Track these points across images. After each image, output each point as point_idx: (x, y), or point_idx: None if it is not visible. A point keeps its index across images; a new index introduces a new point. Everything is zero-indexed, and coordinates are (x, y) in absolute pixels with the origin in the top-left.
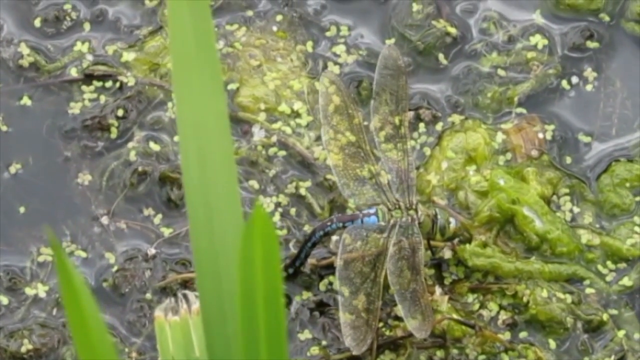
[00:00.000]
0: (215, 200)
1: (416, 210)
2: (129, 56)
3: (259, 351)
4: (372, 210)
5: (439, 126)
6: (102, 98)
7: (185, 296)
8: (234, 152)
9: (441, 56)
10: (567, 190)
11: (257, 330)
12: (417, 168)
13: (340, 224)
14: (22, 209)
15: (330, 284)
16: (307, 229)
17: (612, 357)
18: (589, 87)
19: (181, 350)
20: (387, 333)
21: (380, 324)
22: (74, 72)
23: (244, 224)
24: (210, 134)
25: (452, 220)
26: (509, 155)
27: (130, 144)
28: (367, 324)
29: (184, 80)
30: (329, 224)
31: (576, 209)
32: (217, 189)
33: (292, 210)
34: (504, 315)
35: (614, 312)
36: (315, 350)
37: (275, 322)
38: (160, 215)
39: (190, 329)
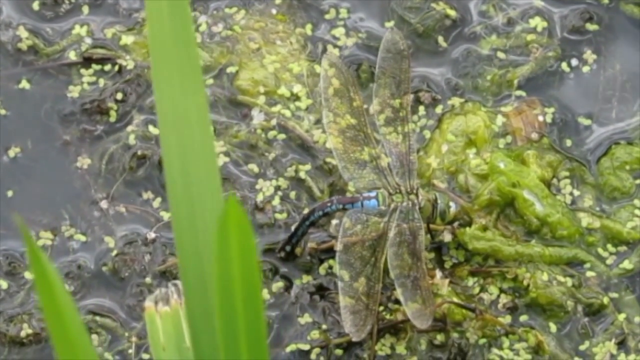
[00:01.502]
0: (197, 195)
1: (417, 195)
2: (127, 39)
3: (238, 347)
4: (372, 194)
5: (438, 109)
6: (101, 81)
7: (175, 286)
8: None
9: (441, 39)
10: (567, 173)
11: (236, 326)
12: (417, 151)
13: (340, 206)
14: (21, 193)
15: (330, 267)
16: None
17: (613, 340)
18: (588, 70)
19: (172, 341)
20: (388, 317)
21: (381, 308)
22: (72, 56)
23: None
24: (190, 127)
25: (452, 204)
26: (509, 138)
27: (129, 128)
28: (367, 309)
29: (163, 74)
30: (329, 204)
31: (576, 192)
32: (199, 182)
33: (292, 194)
34: (504, 299)
35: (615, 295)
36: (315, 334)
37: (255, 318)
38: (159, 199)
39: (180, 319)
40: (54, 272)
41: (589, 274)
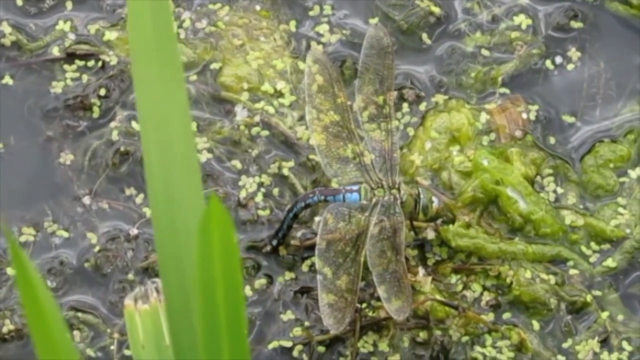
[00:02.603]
0: (177, 193)
1: (399, 190)
2: (111, 35)
3: (219, 345)
4: (354, 187)
5: (422, 106)
6: (85, 77)
7: (155, 284)
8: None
9: (425, 36)
10: (551, 171)
11: (218, 324)
12: (401, 148)
13: (322, 197)
14: (3, 189)
15: (313, 264)
16: None
17: (596, 338)
18: (573, 68)
19: (151, 339)
20: (370, 314)
21: (364, 305)
22: (56, 51)
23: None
24: (171, 125)
25: (434, 200)
26: (492, 136)
27: (112, 124)
28: (346, 303)
29: (143, 72)
30: (311, 195)
31: (560, 190)
32: (179, 181)
33: (275, 191)
34: (487, 296)
35: (598, 293)
36: (298, 331)
37: (236, 317)
38: (142, 195)
39: (160, 317)
40: (35, 271)
41: (572, 271)
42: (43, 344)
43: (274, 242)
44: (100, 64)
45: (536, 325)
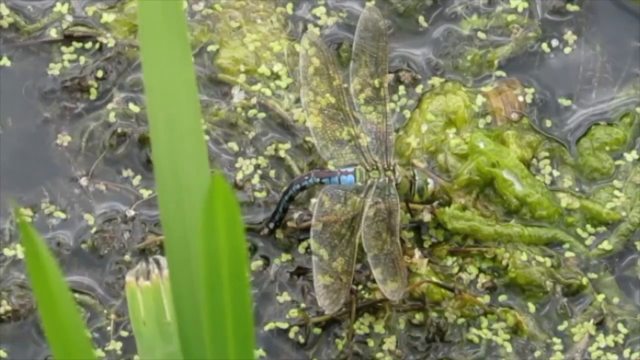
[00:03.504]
0: (184, 170)
1: (394, 171)
2: (108, 17)
3: (224, 324)
4: (350, 169)
5: (419, 89)
6: (82, 59)
7: (156, 261)
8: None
9: (421, 19)
10: (546, 154)
11: (222, 302)
12: (397, 131)
13: (318, 179)
14: (0, 170)
15: (310, 246)
16: None
17: (592, 321)
18: (569, 51)
19: (152, 316)
20: (366, 296)
21: (360, 287)
22: (53, 33)
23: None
24: (178, 103)
25: (430, 181)
26: (488, 118)
27: (109, 105)
28: (341, 285)
29: (151, 48)
30: (306, 178)
31: (556, 173)
32: (186, 157)
33: (272, 173)
34: (483, 279)
35: (594, 276)
36: (294, 312)
37: (240, 294)
38: (139, 177)
39: (161, 294)
40: (44, 246)
41: (568, 254)
42: (51, 321)
43: (271, 225)
44: (97, 45)
45: (532, 307)
